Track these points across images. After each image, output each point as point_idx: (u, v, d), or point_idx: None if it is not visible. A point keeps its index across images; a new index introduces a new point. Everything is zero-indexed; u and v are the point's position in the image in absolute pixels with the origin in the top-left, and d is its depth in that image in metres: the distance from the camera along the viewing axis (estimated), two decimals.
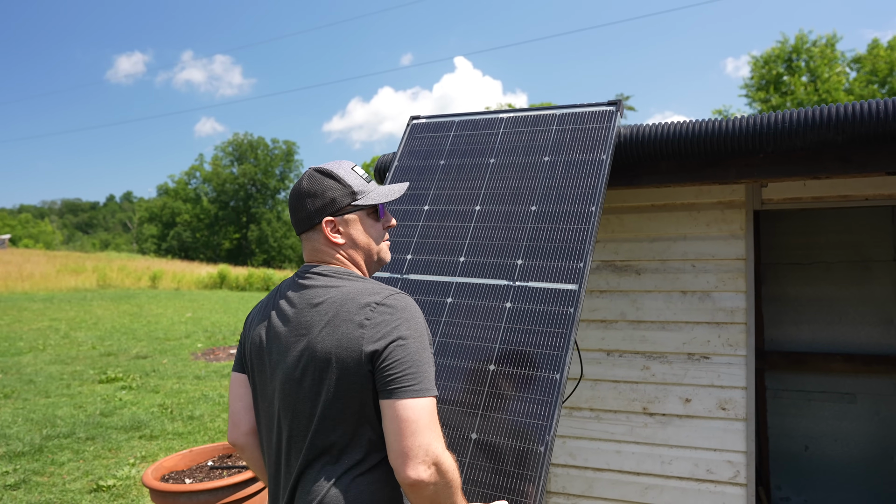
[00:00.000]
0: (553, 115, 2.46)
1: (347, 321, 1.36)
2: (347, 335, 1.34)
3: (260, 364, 1.50)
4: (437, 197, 2.42)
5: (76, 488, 4.75)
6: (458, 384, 1.93)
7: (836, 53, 30.68)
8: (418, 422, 1.26)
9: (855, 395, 3.99)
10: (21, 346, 11.35)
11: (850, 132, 2.05)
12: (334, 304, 1.40)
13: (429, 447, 1.25)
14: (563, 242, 2.04)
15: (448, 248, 2.24)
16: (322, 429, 1.37)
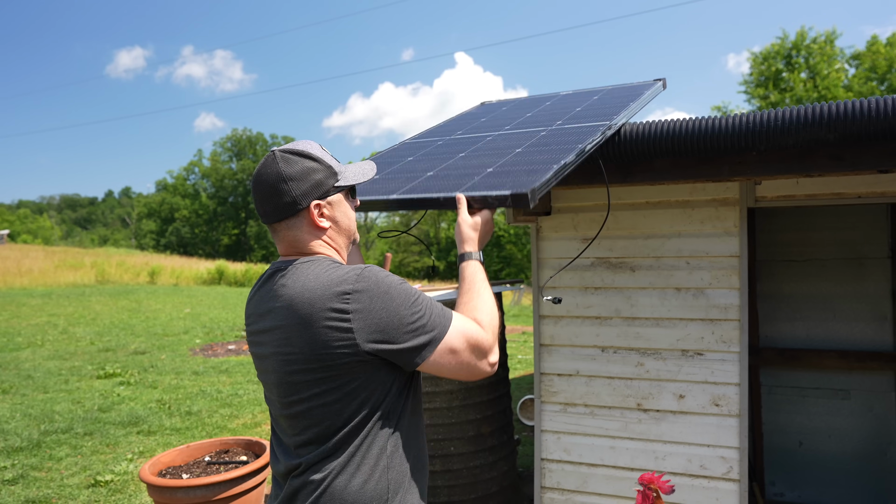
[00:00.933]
0: (599, 88, 3.27)
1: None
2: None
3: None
4: (493, 124, 2.92)
5: (74, 483, 4.77)
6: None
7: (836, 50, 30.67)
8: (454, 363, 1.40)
9: (849, 392, 4.01)
10: (19, 341, 11.36)
11: (842, 130, 2.06)
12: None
13: (471, 365, 1.41)
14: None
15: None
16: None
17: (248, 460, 3.87)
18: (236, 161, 60.64)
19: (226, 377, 8.72)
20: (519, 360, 9.66)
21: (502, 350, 4.29)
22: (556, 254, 3.34)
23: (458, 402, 3.87)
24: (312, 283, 1.34)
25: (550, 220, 3.35)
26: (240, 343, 11.70)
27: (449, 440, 3.86)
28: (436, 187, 1.90)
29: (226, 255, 51.62)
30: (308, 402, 1.34)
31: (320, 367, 1.31)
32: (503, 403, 4.18)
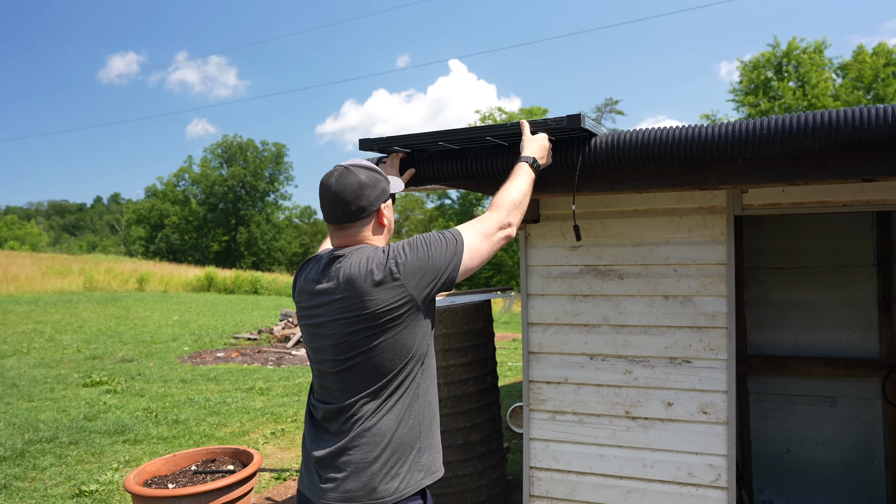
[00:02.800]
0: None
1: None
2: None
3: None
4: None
5: (58, 493, 4.71)
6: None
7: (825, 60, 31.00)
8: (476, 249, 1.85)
9: (836, 399, 4.03)
10: (5, 349, 11.24)
11: (827, 139, 2.06)
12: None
13: (491, 245, 1.88)
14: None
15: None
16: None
17: (235, 469, 3.83)
18: (226, 167, 60.36)
19: (214, 385, 8.65)
20: (509, 368, 9.65)
21: (492, 358, 4.28)
22: (545, 261, 3.34)
23: (447, 409, 3.85)
24: (366, 261, 1.71)
25: (539, 227, 3.35)
26: (228, 350, 11.63)
27: None
28: (495, 130, 2.33)
29: (215, 262, 51.35)
30: (365, 354, 1.68)
31: (379, 324, 1.67)
32: (492, 411, 4.17)
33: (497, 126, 2.34)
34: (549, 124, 2.21)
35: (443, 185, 2.79)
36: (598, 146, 2.36)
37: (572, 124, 2.17)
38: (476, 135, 2.38)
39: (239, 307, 20.85)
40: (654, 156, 2.30)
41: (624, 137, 2.34)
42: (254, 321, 16.39)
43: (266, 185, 61.30)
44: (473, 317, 4.06)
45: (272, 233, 59.18)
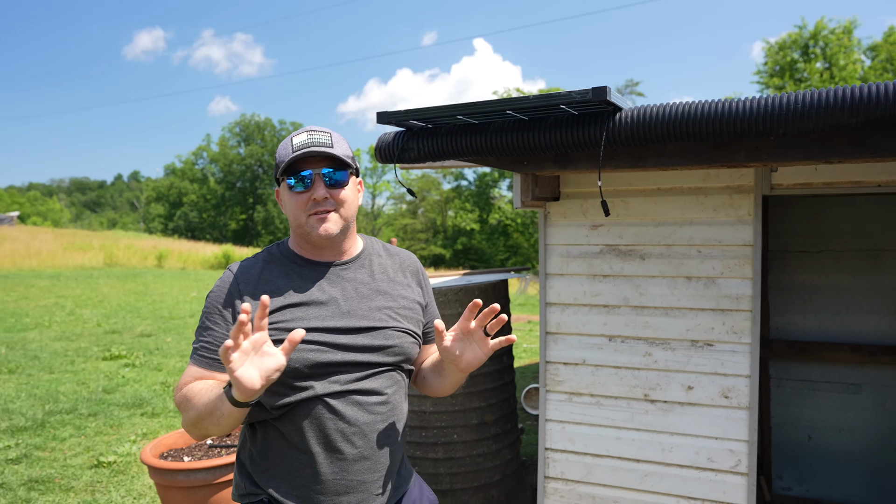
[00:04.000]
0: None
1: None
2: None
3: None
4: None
5: (77, 464, 4.76)
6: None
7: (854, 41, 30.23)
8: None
9: (860, 386, 3.94)
10: (27, 322, 11.41)
11: (865, 114, 1.97)
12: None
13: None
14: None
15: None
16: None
17: None
18: (244, 146, 60.59)
19: None
20: (524, 349, 9.62)
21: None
22: (565, 240, 3.27)
23: (462, 389, 3.82)
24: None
25: (559, 205, 3.28)
26: None
27: (452, 428, 3.82)
28: (516, 103, 2.20)
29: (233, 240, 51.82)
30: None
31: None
32: (507, 392, 4.13)
33: (517, 99, 2.26)
34: (574, 97, 2.13)
35: (461, 160, 2.73)
36: (623, 120, 2.28)
37: (598, 97, 2.09)
38: (496, 108, 2.31)
39: None
40: (682, 131, 2.21)
41: (651, 111, 2.25)
42: None
43: None
44: (490, 296, 4.01)
45: None
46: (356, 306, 1.59)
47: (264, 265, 1.61)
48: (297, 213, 1.56)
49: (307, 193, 1.54)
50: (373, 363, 1.58)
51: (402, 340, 1.63)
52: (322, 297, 1.57)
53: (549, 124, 2.41)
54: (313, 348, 1.51)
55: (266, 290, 1.54)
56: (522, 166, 2.72)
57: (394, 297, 1.66)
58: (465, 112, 2.36)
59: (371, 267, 1.68)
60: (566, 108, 2.27)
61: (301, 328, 1.39)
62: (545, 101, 2.24)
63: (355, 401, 1.55)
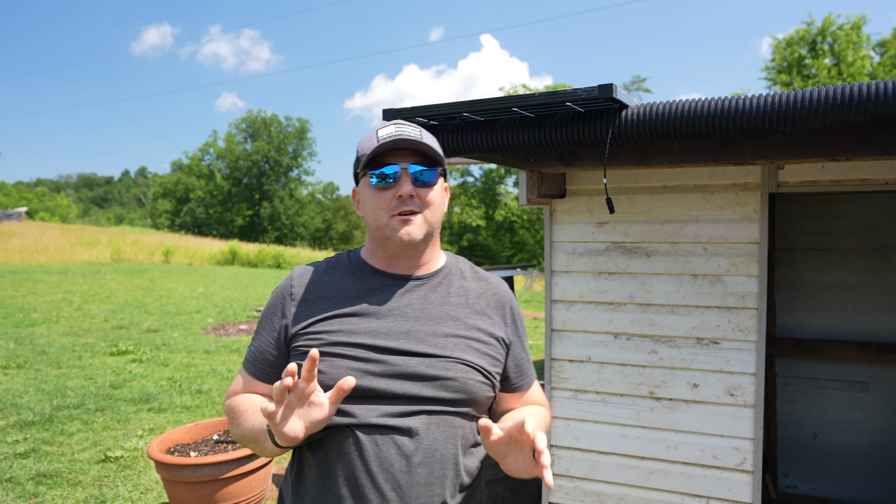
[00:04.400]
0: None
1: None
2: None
3: None
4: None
5: (84, 458, 4.80)
6: None
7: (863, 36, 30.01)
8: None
9: (867, 384, 3.92)
10: (35, 317, 11.48)
11: (873, 112, 1.96)
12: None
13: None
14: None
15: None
16: None
17: None
18: (251, 142, 60.69)
19: (237, 356, 8.75)
20: (529, 346, 9.62)
21: None
22: (570, 237, 3.27)
23: None
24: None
25: (565, 202, 3.27)
26: (251, 323, 11.74)
27: None
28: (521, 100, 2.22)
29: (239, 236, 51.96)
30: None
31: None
32: None
33: (523, 96, 2.26)
34: (580, 94, 2.13)
35: (467, 157, 2.73)
36: (629, 118, 2.27)
37: (604, 94, 2.09)
38: (501, 105, 2.31)
39: (262, 281, 21.06)
40: (688, 129, 2.21)
41: (657, 109, 2.25)
42: None
43: (290, 160, 61.57)
44: None
45: (295, 208, 59.55)
46: (418, 328, 1.34)
47: (326, 269, 1.43)
48: (377, 213, 1.34)
49: (391, 190, 1.33)
50: (424, 397, 1.29)
51: (467, 376, 1.33)
52: (380, 310, 1.34)
53: (555, 121, 2.40)
54: (356, 366, 1.28)
55: (319, 293, 1.37)
56: (528, 163, 2.72)
57: (467, 325, 1.39)
58: (471, 109, 2.36)
59: (448, 288, 1.42)
60: (572, 105, 2.27)
61: (347, 341, 1.28)
62: (551, 99, 2.23)
63: (394, 441, 1.27)
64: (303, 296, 1.38)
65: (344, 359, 1.28)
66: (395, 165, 1.33)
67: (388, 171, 1.32)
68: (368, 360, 1.28)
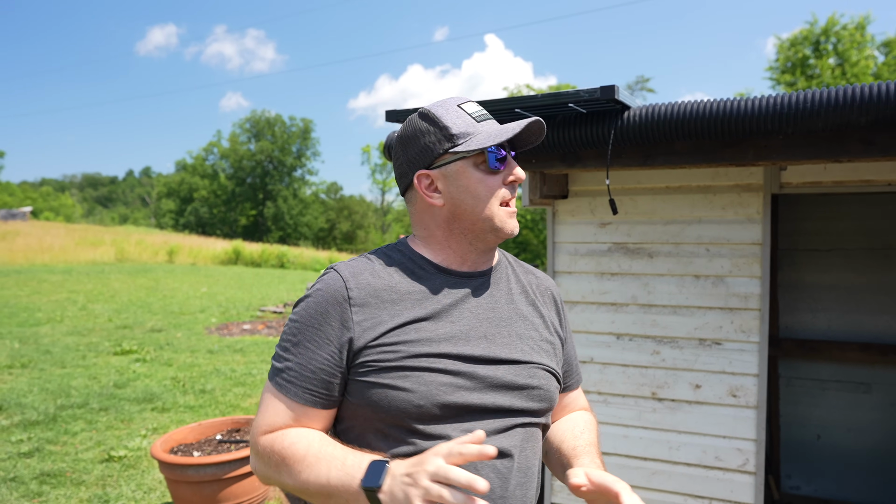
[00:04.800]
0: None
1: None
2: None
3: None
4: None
5: (88, 458, 4.82)
6: None
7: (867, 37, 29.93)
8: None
9: (870, 385, 3.92)
10: (39, 317, 11.52)
11: (875, 113, 1.96)
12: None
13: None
14: None
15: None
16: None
17: None
18: (255, 142, 60.79)
19: (240, 356, 8.77)
20: None
21: None
22: (573, 238, 3.27)
23: None
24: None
25: (567, 203, 3.28)
26: (254, 323, 11.77)
27: None
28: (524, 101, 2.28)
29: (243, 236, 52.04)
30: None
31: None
32: None
33: (526, 97, 2.27)
34: (582, 96, 2.14)
35: None
36: (631, 119, 2.28)
37: (606, 95, 2.10)
38: (504, 106, 2.32)
39: (265, 281, 21.10)
40: (690, 130, 2.22)
41: (659, 110, 2.25)
42: (280, 295, 16.58)
43: (293, 160, 61.65)
44: None
45: (299, 208, 59.62)
46: (494, 330, 1.20)
47: (382, 266, 1.21)
48: (488, 202, 1.17)
49: (502, 175, 1.19)
50: (515, 410, 1.17)
51: (549, 383, 1.23)
52: (452, 312, 1.18)
53: (558, 122, 2.41)
54: (446, 381, 1.11)
55: (382, 297, 1.15)
56: (530, 164, 2.72)
57: (534, 324, 1.27)
58: None
59: (509, 283, 1.30)
60: (574, 106, 2.27)
61: (429, 352, 1.11)
62: (554, 100, 2.24)
63: (493, 464, 1.12)
64: (364, 300, 1.14)
65: (432, 373, 1.10)
66: (502, 149, 1.19)
67: (499, 153, 1.17)
68: (458, 374, 1.12)
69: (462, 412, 1.12)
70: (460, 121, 1.18)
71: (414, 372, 1.10)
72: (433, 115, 1.19)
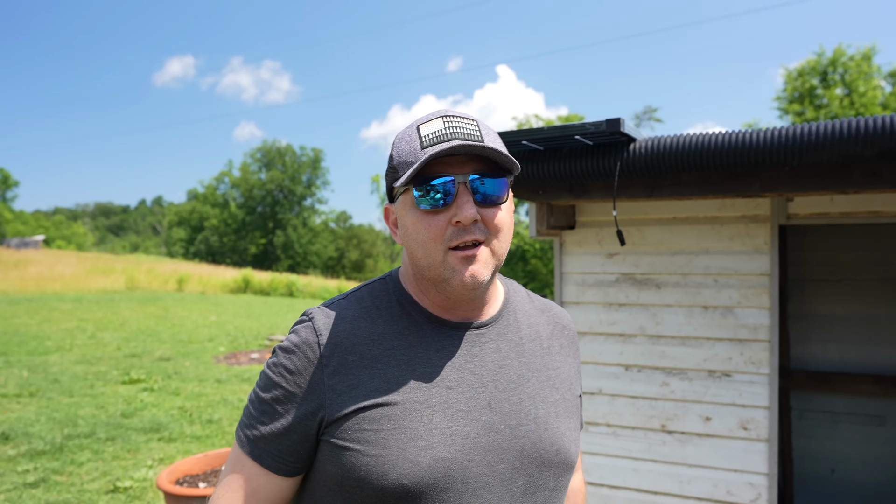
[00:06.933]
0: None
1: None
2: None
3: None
4: None
5: (94, 489, 4.79)
6: None
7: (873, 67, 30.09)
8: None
9: (884, 418, 3.85)
10: (49, 345, 11.55)
11: (880, 146, 1.97)
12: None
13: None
14: None
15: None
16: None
17: None
18: (265, 171, 61.44)
19: (248, 386, 8.75)
20: None
21: None
22: (580, 269, 3.27)
23: None
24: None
25: (574, 234, 3.28)
26: (262, 352, 11.75)
27: None
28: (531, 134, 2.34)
29: (252, 265, 52.21)
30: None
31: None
32: None
33: (533, 130, 2.30)
34: (588, 128, 2.16)
35: None
36: (637, 151, 2.30)
37: (611, 128, 2.12)
38: (511, 138, 2.35)
39: (274, 309, 21.12)
40: (696, 162, 2.23)
41: (665, 142, 2.27)
42: (288, 323, 16.58)
43: (303, 189, 62.18)
44: None
45: (308, 237, 59.91)
46: (501, 396, 1.01)
47: (362, 311, 1.03)
48: (427, 247, 0.96)
49: (446, 213, 0.95)
50: (530, 487, 1.00)
51: (569, 448, 1.06)
52: (449, 375, 0.99)
53: (564, 154, 2.43)
54: (440, 459, 0.94)
55: (362, 352, 0.98)
56: (538, 195, 2.74)
57: (551, 379, 1.08)
58: None
59: (518, 331, 1.09)
60: (581, 138, 2.30)
61: (419, 429, 0.94)
62: (560, 132, 2.27)
63: None
64: (339, 358, 0.97)
65: (422, 447, 0.94)
66: (447, 177, 0.94)
67: (439, 186, 0.94)
68: (453, 451, 0.95)
69: (461, 496, 0.96)
70: (406, 147, 0.98)
71: (399, 449, 0.93)
72: (395, 139, 1.04)
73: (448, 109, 1.01)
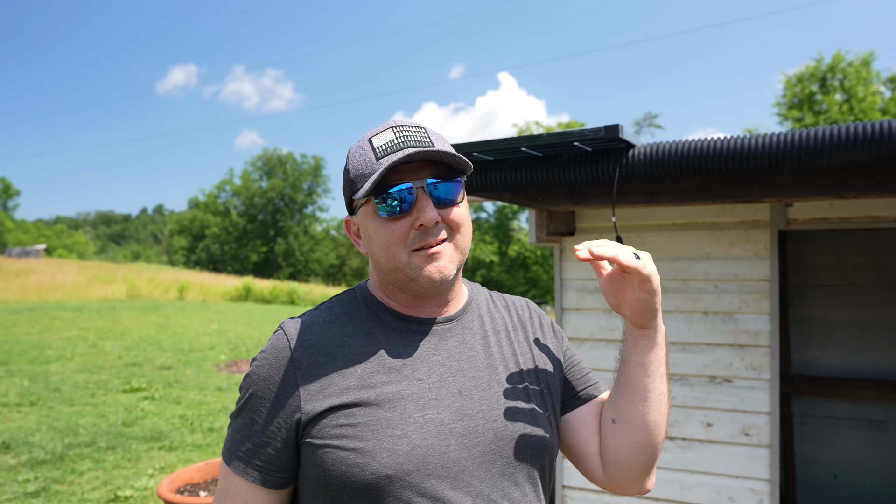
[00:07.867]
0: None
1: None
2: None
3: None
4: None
5: (94, 498, 4.78)
6: None
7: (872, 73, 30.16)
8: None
9: (886, 423, 3.84)
10: (50, 354, 11.55)
11: (878, 151, 1.97)
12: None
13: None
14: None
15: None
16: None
17: None
18: (266, 179, 61.54)
19: None
20: None
21: None
22: (581, 275, 3.28)
23: None
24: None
25: (574, 240, 3.29)
26: None
27: None
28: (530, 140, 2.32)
29: (254, 273, 52.26)
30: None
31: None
32: None
33: (532, 136, 2.31)
34: (587, 135, 2.17)
35: (477, 196, 2.76)
36: (636, 157, 2.30)
37: (610, 135, 2.13)
38: (511, 145, 2.35)
39: (275, 317, 21.10)
40: (695, 167, 2.23)
41: (663, 148, 2.28)
42: None
43: (304, 197, 62.26)
44: None
45: (309, 244, 59.93)
46: (469, 383, 1.05)
47: (332, 318, 1.08)
48: (392, 251, 1.02)
49: (408, 219, 1.01)
50: (508, 468, 1.04)
51: (542, 434, 1.08)
52: (419, 367, 1.04)
53: (563, 161, 2.44)
54: (416, 446, 0.97)
55: (334, 354, 1.03)
56: (537, 202, 2.75)
57: (519, 365, 1.13)
58: (481, 149, 2.40)
59: (482, 323, 1.14)
60: (580, 145, 2.30)
61: (393, 419, 0.97)
62: (559, 139, 2.27)
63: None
64: (310, 360, 1.02)
65: (398, 442, 0.97)
66: (405, 184, 1.00)
67: (397, 194, 1.00)
68: (427, 443, 0.98)
69: (438, 485, 0.99)
70: (361, 160, 1.03)
71: (375, 440, 0.96)
72: (348, 153, 1.09)
73: (396, 120, 1.08)
